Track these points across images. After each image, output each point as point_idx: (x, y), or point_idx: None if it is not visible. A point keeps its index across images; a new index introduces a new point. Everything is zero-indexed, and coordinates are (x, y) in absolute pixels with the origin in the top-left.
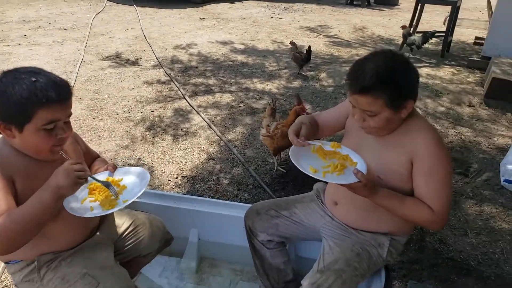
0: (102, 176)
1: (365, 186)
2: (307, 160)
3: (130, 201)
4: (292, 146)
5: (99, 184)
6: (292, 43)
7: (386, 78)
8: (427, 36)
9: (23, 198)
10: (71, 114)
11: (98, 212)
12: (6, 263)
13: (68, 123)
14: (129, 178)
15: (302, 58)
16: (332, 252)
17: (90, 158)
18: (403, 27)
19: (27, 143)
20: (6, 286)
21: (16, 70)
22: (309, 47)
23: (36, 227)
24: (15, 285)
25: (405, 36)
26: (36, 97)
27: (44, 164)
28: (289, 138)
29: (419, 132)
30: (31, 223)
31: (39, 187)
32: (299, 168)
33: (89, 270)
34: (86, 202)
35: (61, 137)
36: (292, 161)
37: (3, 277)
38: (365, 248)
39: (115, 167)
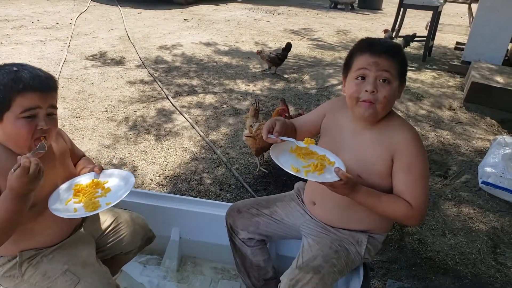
0: (88, 177)
1: (345, 184)
2: (287, 160)
3: (113, 204)
4: (272, 146)
5: (83, 185)
6: (259, 52)
7: (399, 48)
8: (408, 39)
9: None
10: (54, 106)
11: (80, 213)
12: None
13: (52, 117)
14: (114, 181)
15: (278, 57)
16: (311, 249)
17: (76, 157)
18: (385, 31)
19: (8, 133)
20: None
21: (4, 64)
22: (288, 43)
23: (12, 227)
24: None
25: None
26: (13, 84)
27: None
28: (262, 134)
29: (399, 130)
30: (5, 224)
31: None
32: (281, 167)
33: (70, 266)
34: (70, 203)
35: (42, 128)
36: (273, 160)
37: None
38: (343, 246)
39: (101, 169)
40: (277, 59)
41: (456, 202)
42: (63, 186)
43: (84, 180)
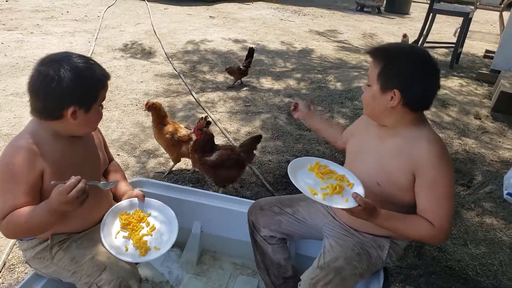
0: (130, 204)
1: (364, 209)
2: (305, 179)
3: (163, 253)
4: (290, 164)
5: (130, 215)
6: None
7: (391, 52)
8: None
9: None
10: None
11: (134, 257)
12: (19, 239)
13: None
14: (156, 216)
15: (246, 66)
16: (333, 251)
17: (107, 157)
18: (404, 35)
19: (87, 122)
20: (13, 265)
21: (68, 55)
22: (250, 48)
23: (42, 231)
24: (26, 262)
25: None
26: (99, 77)
27: (74, 145)
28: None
29: (424, 144)
30: (37, 229)
31: (67, 167)
32: (299, 188)
33: (97, 254)
34: (119, 238)
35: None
36: (291, 179)
37: (10, 256)
38: (365, 249)
39: (144, 197)
40: (246, 69)
41: (479, 213)
42: (109, 216)
43: (126, 206)
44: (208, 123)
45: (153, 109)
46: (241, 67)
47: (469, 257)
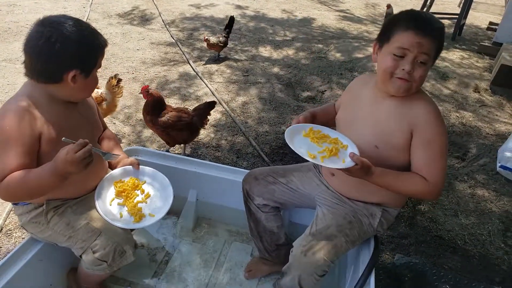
0: (125, 171)
1: (361, 168)
2: (302, 145)
3: (157, 219)
4: (286, 131)
5: (125, 183)
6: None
7: (440, 28)
8: None
9: (48, 147)
10: None
11: (128, 224)
12: (14, 204)
13: None
14: (151, 183)
15: (226, 36)
16: (325, 219)
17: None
18: (388, 6)
19: (85, 87)
20: (10, 230)
21: (68, 19)
22: (231, 16)
23: (41, 193)
24: (22, 226)
25: (390, 15)
26: (100, 43)
27: (70, 109)
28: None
29: (420, 104)
30: (36, 190)
31: (64, 132)
32: (298, 153)
33: (92, 219)
34: (114, 205)
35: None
36: (289, 145)
37: (7, 221)
38: (357, 217)
39: (138, 164)
40: (226, 39)
41: (472, 184)
42: (103, 184)
43: (120, 174)
44: (119, 80)
45: None
46: (221, 39)
47: (459, 227)
